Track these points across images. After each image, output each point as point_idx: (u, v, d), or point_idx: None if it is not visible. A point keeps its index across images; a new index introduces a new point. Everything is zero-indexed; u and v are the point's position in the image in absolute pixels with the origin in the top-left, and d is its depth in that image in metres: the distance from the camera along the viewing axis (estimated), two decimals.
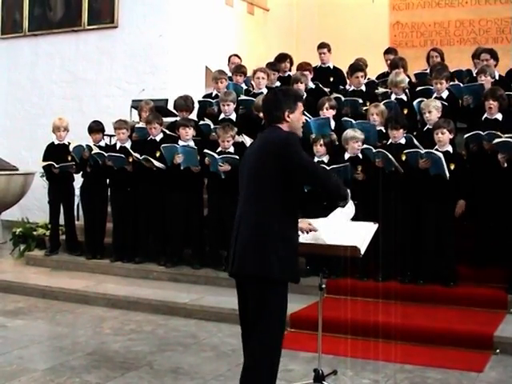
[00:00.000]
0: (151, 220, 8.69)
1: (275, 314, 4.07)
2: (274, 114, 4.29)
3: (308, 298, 6.78)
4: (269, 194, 4.08)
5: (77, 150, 9.10)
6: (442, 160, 6.99)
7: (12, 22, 13.63)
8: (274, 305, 4.06)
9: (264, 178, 4.10)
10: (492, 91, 7.49)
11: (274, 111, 4.29)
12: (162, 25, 12.11)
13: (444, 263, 7.16)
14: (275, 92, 4.52)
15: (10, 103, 13.58)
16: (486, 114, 7.51)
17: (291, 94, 4.44)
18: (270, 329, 4.05)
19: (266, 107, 4.44)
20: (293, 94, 4.46)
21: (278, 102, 4.30)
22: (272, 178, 4.07)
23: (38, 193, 11.26)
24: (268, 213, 4.07)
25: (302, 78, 9.04)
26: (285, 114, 4.26)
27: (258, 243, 4.04)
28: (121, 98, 11.87)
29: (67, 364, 5.69)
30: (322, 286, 4.80)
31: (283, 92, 4.45)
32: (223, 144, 8.12)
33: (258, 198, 4.12)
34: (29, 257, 9.74)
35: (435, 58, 9.48)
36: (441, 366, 5.60)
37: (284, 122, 4.27)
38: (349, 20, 14.80)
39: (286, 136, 4.18)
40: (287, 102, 4.31)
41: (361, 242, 4.41)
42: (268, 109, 4.38)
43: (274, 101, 4.34)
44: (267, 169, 4.09)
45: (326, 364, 5.15)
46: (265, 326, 4.03)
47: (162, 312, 7.35)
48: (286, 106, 4.29)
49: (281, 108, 4.28)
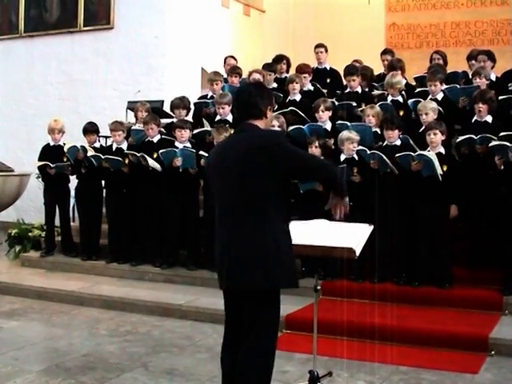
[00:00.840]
0: (147, 221, 8.68)
1: (273, 320, 4.05)
2: (254, 108, 4.00)
3: (303, 300, 6.78)
4: (263, 201, 3.87)
5: (71, 151, 9.09)
6: (433, 161, 7.00)
7: (8, 23, 13.62)
8: (274, 311, 4.04)
9: (257, 184, 3.85)
10: (481, 94, 7.48)
11: (254, 106, 4.00)
12: (158, 26, 12.12)
13: (439, 265, 7.17)
14: (255, 86, 4.22)
15: (5, 104, 13.56)
16: (475, 117, 7.52)
17: (268, 89, 4.25)
18: (269, 334, 4.03)
19: (243, 101, 4.08)
20: (268, 89, 4.26)
21: (260, 97, 4.03)
22: (267, 183, 3.85)
23: (33, 194, 11.26)
24: (265, 221, 3.87)
25: (297, 79, 9.06)
26: (266, 110, 4.04)
27: (260, 256, 3.87)
28: (117, 100, 11.85)
29: (62, 365, 5.68)
30: (318, 288, 4.80)
31: (263, 86, 4.24)
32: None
33: (252, 207, 3.88)
34: (24, 258, 9.72)
35: (437, 60, 9.48)
36: (436, 367, 5.60)
37: (263, 118, 4.04)
38: (345, 21, 14.85)
39: (277, 134, 4.06)
40: (268, 97, 4.11)
41: (356, 244, 4.40)
42: (246, 103, 4.04)
43: (255, 95, 4.02)
44: (262, 174, 3.84)
45: (321, 365, 5.15)
46: (264, 331, 3.99)
47: (158, 313, 7.34)
48: (267, 101, 4.07)
49: (262, 103, 4.01)
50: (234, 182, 3.91)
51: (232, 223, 3.95)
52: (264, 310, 3.98)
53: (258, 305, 3.96)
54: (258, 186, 3.87)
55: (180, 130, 8.38)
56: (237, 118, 4.23)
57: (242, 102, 4.11)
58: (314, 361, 4.88)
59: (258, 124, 4.01)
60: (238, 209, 3.92)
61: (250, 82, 4.15)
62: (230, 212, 3.96)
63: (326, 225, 4.61)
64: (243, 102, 4.08)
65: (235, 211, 3.94)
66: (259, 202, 3.88)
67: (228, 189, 3.96)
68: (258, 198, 3.88)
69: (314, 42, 10.74)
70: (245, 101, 4.05)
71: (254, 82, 4.23)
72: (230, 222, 3.96)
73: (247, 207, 3.89)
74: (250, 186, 3.88)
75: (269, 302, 4.00)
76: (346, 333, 6.15)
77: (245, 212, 3.90)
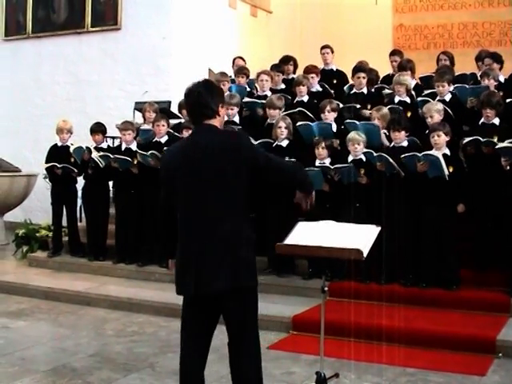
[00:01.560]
0: (154, 222, 8.66)
1: (256, 317, 4.05)
2: (206, 109, 3.93)
3: (310, 301, 6.78)
4: (233, 200, 3.86)
5: (77, 152, 9.11)
6: (440, 161, 6.98)
7: (16, 23, 13.69)
8: (256, 308, 4.04)
9: (226, 183, 3.83)
10: (488, 99, 7.40)
11: (206, 106, 3.93)
12: (165, 27, 12.14)
13: (446, 266, 7.15)
14: (204, 85, 4.04)
15: (13, 104, 13.60)
16: (482, 119, 7.49)
17: (217, 86, 4.19)
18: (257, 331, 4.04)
19: (194, 102, 3.98)
20: (217, 86, 4.22)
21: (210, 96, 3.95)
22: (236, 182, 3.85)
23: (40, 194, 11.30)
24: (237, 220, 3.87)
25: (304, 80, 9.06)
26: (218, 108, 3.98)
27: (238, 254, 3.84)
28: (124, 100, 11.87)
29: (69, 365, 5.70)
30: (325, 289, 4.79)
31: (211, 84, 4.14)
32: None
33: (222, 206, 3.85)
34: (31, 258, 9.73)
35: (444, 61, 9.45)
36: (443, 369, 5.59)
37: (217, 116, 3.98)
38: (352, 22, 14.84)
39: (242, 136, 4.01)
40: (218, 94, 4.05)
41: (363, 245, 4.39)
42: (197, 104, 3.95)
43: (205, 95, 3.94)
44: (230, 174, 3.83)
45: (328, 367, 5.14)
46: (254, 330, 4.01)
47: (164, 314, 7.34)
48: (218, 99, 4.00)
49: (213, 102, 3.95)
50: (204, 183, 3.86)
51: (205, 224, 3.86)
52: (253, 312, 4.00)
53: (247, 307, 3.95)
54: (227, 187, 3.85)
55: (187, 130, 8.35)
56: (191, 119, 4.15)
57: (193, 104, 4.02)
58: (320, 362, 4.87)
59: (214, 123, 3.97)
60: (206, 210, 3.86)
61: (199, 82, 4.05)
62: (198, 214, 3.89)
63: (333, 226, 4.60)
64: (194, 104, 4.00)
65: (203, 213, 3.87)
66: (231, 202, 3.87)
67: (198, 190, 3.88)
68: (229, 199, 3.86)
69: (321, 42, 10.73)
70: (196, 102, 3.97)
71: (203, 81, 4.12)
72: (202, 222, 3.87)
73: (219, 209, 3.85)
74: (221, 187, 3.85)
75: (255, 302, 4.01)
76: (353, 334, 6.14)
77: (218, 213, 3.85)
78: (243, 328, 3.97)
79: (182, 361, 4.04)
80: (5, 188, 11.19)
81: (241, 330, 3.96)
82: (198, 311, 3.98)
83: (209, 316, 3.99)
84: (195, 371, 4.04)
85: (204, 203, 3.87)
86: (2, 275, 9.02)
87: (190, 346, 4.02)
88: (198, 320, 4.00)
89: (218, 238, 3.84)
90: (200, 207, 3.89)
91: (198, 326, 4.01)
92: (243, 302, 3.93)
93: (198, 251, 3.88)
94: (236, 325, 3.97)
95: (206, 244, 3.86)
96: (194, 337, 4.02)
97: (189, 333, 4.03)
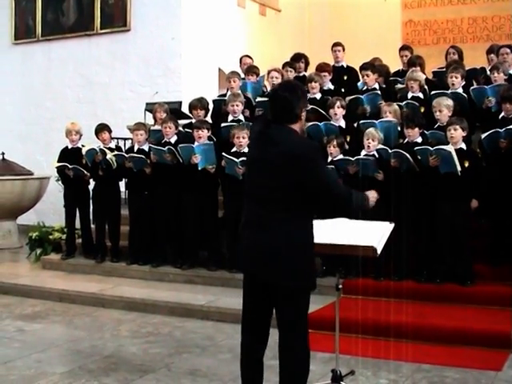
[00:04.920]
0: (167, 222, 8.69)
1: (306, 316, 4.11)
2: (290, 114, 3.93)
3: (325, 299, 6.76)
4: (295, 202, 3.89)
5: (89, 154, 9.12)
6: (452, 155, 6.94)
7: (25, 27, 13.74)
8: (307, 309, 4.10)
9: (288, 187, 3.88)
10: (508, 94, 7.36)
11: (290, 111, 3.93)
12: (175, 27, 12.15)
13: (460, 262, 7.13)
14: (289, 88, 4.03)
15: (24, 108, 13.67)
16: (502, 113, 7.46)
17: (300, 88, 4.13)
18: (306, 328, 4.11)
19: (279, 107, 3.98)
20: (302, 88, 4.15)
21: (296, 100, 3.94)
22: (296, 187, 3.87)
23: (53, 197, 11.34)
24: (297, 220, 3.92)
25: (316, 77, 9.06)
26: (301, 113, 3.98)
27: (295, 254, 3.91)
28: (134, 101, 11.89)
29: (85, 367, 5.71)
30: (339, 287, 4.79)
31: (297, 87, 4.10)
32: (239, 142, 8.08)
33: (283, 204, 3.90)
34: (45, 261, 9.76)
35: (452, 55, 9.41)
36: (459, 365, 5.58)
37: (299, 121, 3.98)
38: (361, 19, 14.82)
39: (310, 148, 3.96)
40: (303, 97, 4.04)
41: (377, 242, 4.39)
42: (282, 109, 3.95)
43: (291, 99, 3.93)
44: (290, 178, 3.86)
45: (343, 364, 5.13)
46: (299, 327, 4.06)
47: (179, 314, 7.35)
48: (302, 103, 3.98)
49: (298, 106, 3.94)
50: (269, 178, 3.93)
51: (263, 216, 3.95)
52: (304, 311, 4.08)
53: (297, 306, 4.02)
54: (290, 189, 3.89)
55: (197, 130, 8.36)
56: (271, 119, 4.07)
57: (277, 108, 4.01)
58: (336, 360, 4.88)
59: (294, 128, 3.97)
60: (269, 203, 3.93)
61: (285, 84, 4.06)
62: (261, 204, 3.97)
63: (346, 223, 4.60)
64: (279, 108, 3.99)
65: (266, 205, 3.94)
66: (294, 203, 3.91)
67: (263, 180, 3.96)
68: (292, 200, 3.90)
69: (330, 40, 10.70)
70: (281, 107, 3.97)
71: (288, 84, 4.13)
72: (260, 213, 3.97)
73: (279, 206, 3.91)
74: (282, 187, 3.89)
75: (306, 304, 4.08)
76: (368, 331, 6.14)
77: (278, 210, 3.90)
78: (290, 319, 4.06)
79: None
80: (18, 191, 11.25)
81: (288, 320, 4.06)
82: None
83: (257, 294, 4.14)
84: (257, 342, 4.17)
85: (262, 196, 3.97)
86: (17, 278, 9.06)
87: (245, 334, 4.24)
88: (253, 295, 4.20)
89: (277, 236, 3.92)
90: (261, 199, 3.98)
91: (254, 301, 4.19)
92: (295, 300, 4.02)
93: (253, 240, 4.01)
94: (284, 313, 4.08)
95: (261, 236, 3.96)
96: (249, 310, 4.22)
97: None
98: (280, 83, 4.05)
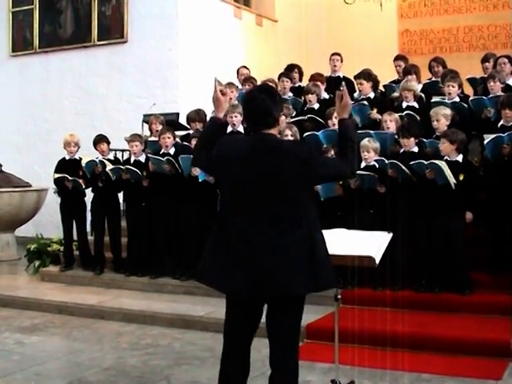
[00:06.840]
0: (166, 233, 8.68)
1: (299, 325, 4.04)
2: (269, 117, 3.81)
3: (324, 309, 6.76)
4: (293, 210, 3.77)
5: (89, 166, 9.12)
6: (443, 169, 6.95)
7: (23, 39, 13.79)
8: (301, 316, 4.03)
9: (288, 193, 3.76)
10: (508, 100, 7.37)
11: (269, 114, 3.81)
12: (171, 39, 12.20)
13: (457, 271, 7.12)
14: (266, 91, 3.94)
15: (22, 120, 13.69)
16: (502, 121, 7.47)
17: (275, 93, 4.05)
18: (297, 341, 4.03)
19: (256, 109, 3.84)
20: (276, 92, 4.09)
21: (273, 103, 3.84)
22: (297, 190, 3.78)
23: (51, 209, 11.32)
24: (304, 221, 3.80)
25: (314, 88, 9.08)
26: (279, 117, 3.91)
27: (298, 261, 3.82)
28: (132, 113, 11.92)
29: (84, 379, 5.70)
30: (338, 297, 4.80)
31: (274, 91, 4.04)
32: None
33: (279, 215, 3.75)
34: (44, 273, 9.75)
35: (436, 67, 9.44)
36: (459, 374, 5.57)
37: (276, 125, 3.88)
38: (357, 29, 14.87)
39: (310, 148, 3.91)
40: (280, 102, 3.99)
41: (375, 252, 4.40)
42: (259, 111, 3.82)
43: (269, 102, 3.82)
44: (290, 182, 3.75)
45: (343, 375, 5.12)
46: (296, 338, 3.98)
47: (178, 325, 7.35)
48: (279, 107, 3.95)
49: (276, 109, 3.85)
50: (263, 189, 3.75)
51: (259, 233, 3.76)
52: (299, 319, 3.99)
53: (296, 314, 3.96)
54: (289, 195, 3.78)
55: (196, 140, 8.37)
56: (249, 127, 4.01)
57: (254, 111, 3.87)
58: (336, 370, 4.88)
59: (273, 132, 3.86)
60: (263, 218, 3.76)
61: (260, 87, 4.01)
62: (254, 221, 3.76)
63: (345, 234, 4.61)
64: (256, 111, 3.85)
65: (259, 220, 3.76)
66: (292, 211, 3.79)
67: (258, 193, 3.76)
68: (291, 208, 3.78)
69: (326, 50, 10.77)
70: (258, 109, 3.83)
71: (265, 87, 4.07)
72: (256, 230, 3.76)
73: (275, 218, 3.76)
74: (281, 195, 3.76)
75: (302, 310, 4.00)
76: (368, 341, 6.13)
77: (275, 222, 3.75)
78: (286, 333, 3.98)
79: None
80: (16, 203, 11.24)
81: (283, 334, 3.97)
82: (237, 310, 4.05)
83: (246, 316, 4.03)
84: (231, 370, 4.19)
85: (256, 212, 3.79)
86: (15, 290, 9.05)
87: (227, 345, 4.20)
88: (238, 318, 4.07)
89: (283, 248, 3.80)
90: (252, 216, 3.79)
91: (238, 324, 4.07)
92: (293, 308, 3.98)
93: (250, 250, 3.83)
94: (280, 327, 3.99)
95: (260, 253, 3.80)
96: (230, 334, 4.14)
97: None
98: (254, 86, 3.95)
